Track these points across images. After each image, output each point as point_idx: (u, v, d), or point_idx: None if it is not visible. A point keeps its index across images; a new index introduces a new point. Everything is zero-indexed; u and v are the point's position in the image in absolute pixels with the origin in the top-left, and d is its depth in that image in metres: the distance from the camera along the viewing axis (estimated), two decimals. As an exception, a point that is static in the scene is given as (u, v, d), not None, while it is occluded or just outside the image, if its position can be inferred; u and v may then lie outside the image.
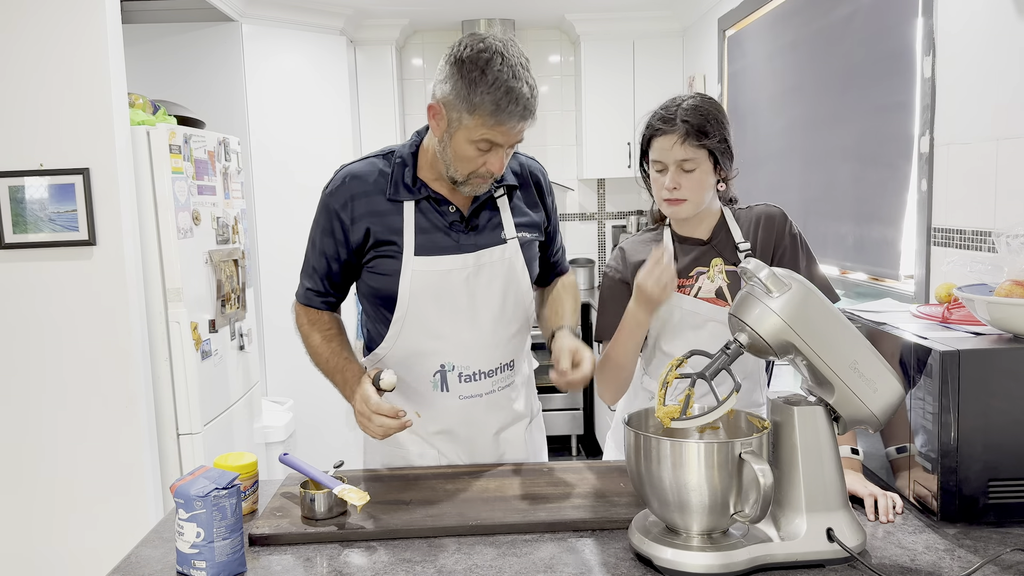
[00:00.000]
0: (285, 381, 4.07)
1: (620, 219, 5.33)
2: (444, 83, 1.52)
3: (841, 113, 2.83)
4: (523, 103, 1.49)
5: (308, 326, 1.74)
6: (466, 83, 1.48)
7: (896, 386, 1.27)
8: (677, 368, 1.31)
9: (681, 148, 1.62)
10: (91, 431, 2.70)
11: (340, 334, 1.73)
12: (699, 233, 1.73)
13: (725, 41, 3.98)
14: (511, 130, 1.51)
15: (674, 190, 1.64)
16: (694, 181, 1.64)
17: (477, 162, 1.55)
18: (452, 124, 1.53)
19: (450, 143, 1.55)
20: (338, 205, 1.64)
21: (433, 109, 1.56)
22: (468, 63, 1.48)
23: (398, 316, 1.66)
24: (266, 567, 1.30)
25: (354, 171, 1.67)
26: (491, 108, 1.48)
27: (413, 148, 1.67)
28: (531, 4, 4.50)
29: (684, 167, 1.63)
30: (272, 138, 4.09)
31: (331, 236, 1.66)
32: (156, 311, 2.78)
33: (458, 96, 1.49)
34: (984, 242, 1.97)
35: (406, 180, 1.64)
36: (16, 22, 2.56)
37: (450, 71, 1.51)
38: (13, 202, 2.60)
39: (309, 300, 1.73)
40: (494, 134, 1.51)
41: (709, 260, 1.71)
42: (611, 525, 1.39)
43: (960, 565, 1.24)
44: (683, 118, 1.62)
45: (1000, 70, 1.93)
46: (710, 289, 1.69)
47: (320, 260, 1.69)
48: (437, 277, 1.63)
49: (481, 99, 1.47)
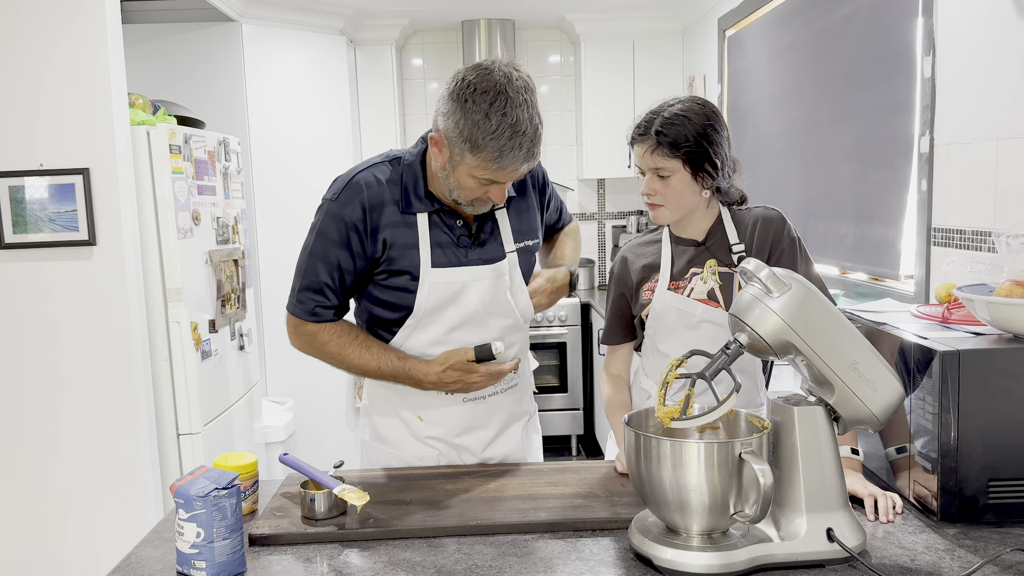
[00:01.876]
0: (285, 381, 4.07)
1: (620, 219, 5.33)
2: (447, 118, 1.50)
3: (841, 113, 2.83)
4: (526, 147, 1.48)
5: (336, 344, 1.66)
6: (469, 124, 1.46)
7: (896, 386, 1.27)
8: (677, 368, 1.31)
9: (651, 157, 1.64)
10: (91, 431, 2.70)
11: (368, 336, 1.69)
12: (695, 234, 1.74)
13: (725, 41, 3.97)
14: (514, 172, 1.52)
15: (651, 195, 1.68)
16: (670, 188, 1.66)
17: (478, 192, 1.56)
18: (455, 157, 1.52)
19: (452, 173, 1.55)
20: (354, 217, 1.59)
21: (436, 140, 1.54)
22: (471, 102, 1.45)
23: (409, 324, 1.66)
24: (266, 567, 1.30)
25: (364, 180, 1.61)
26: (495, 154, 1.47)
27: (420, 156, 1.65)
28: (531, 4, 4.50)
29: (659, 174, 1.65)
30: (272, 138, 4.09)
31: (346, 248, 1.60)
32: (156, 311, 2.78)
33: (460, 135, 1.48)
34: (984, 242, 1.97)
35: (418, 192, 1.62)
36: (16, 22, 2.56)
37: (452, 107, 1.48)
38: (13, 202, 2.60)
39: (320, 316, 1.65)
40: (496, 175, 1.51)
41: (704, 261, 1.72)
42: (611, 525, 1.39)
43: (960, 565, 1.24)
44: (657, 128, 1.62)
45: (1000, 70, 1.93)
46: (702, 290, 1.70)
47: (332, 273, 1.62)
48: (452, 289, 1.63)
49: (484, 143, 1.46)
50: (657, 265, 1.75)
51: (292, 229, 4.10)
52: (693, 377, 1.29)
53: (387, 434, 1.77)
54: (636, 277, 1.77)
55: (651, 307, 1.73)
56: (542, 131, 1.52)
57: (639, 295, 1.76)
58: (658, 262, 1.75)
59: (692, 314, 1.68)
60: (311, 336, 1.68)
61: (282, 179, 4.11)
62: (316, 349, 1.69)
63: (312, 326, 1.67)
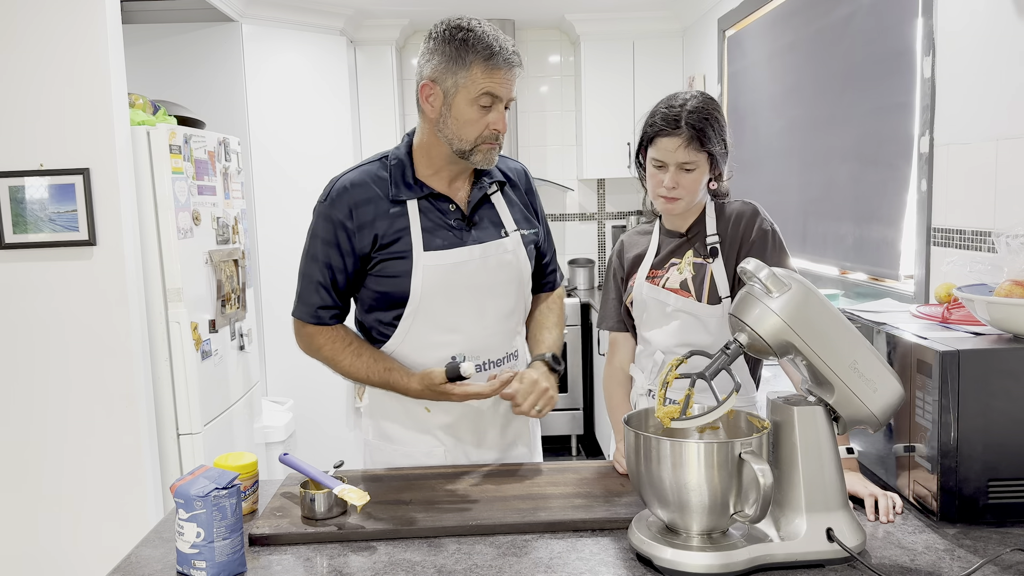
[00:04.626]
0: (285, 381, 4.07)
1: (620, 219, 5.33)
2: (432, 58, 1.60)
3: (841, 113, 2.83)
4: (511, 49, 1.59)
5: (330, 348, 1.70)
6: (454, 47, 1.57)
7: (896, 386, 1.27)
8: (677, 368, 1.31)
9: (683, 151, 1.65)
10: (91, 431, 2.70)
11: (364, 343, 1.72)
12: (681, 226, 1.78)
13: (725, 41, 3.98)
14: (506, 78, 1.59)
15: (672, 189, 1.68)
16: (691, 181, 1.68)
17: (480, 124, 1.60)
18: (448, 93, 1.59)
19: (450, 113, 1.60)
20: (341, 215, 1.64)
21: (426, 87, 1.62)
22: (448, 34, 1.58)
23: (408, 312, 1.67)
24: (266, 567, 1.30)
25: (351, 180, 1.67)
26: (485, 55, 1.56)
27: (407, 148, 1.71)
28: (531, 4, 4.50)
29: (685, 168, 1.66)
30: (272, 138, 4.09)
31: (336, 248, 1.65)
32: (156, 311, 2.79)
33: (450, 60, 1.57)
34: (984, 242, 1.97)
35: (407, 179, 1.67)
36: (17, 22, 2.56)
37: (435, 46, 1.59)
38: (13, 202, 2.60)
39: (319, 318, 1.70)
40: (492, 84, 1.57)
41: (685, 252, 1.75)
42: (611, 525, 1.39)
43: (960, 565, 1.24)
44: (688, 121, 1.64)
45: (1000, 70, 1.93)
46: (676, 280, 1.73)
47: (326, 273, 1.67)
48: (447, 271, 1.65)
49: (474, 55, 1.56)
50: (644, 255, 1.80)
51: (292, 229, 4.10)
52: (693, 377, 1.29)
53: (392, 432, 1.78)
54: (628, 265, 1.83)
55: (632, 295, 1.78)
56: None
57: (627, 282, 1.82)
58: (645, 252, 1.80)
59: (666, 303, 1.73)
60: (310, 338, 1.73)
61: (282, 179, 4.11)
62: (314, 351, 1.74)
63: (312, 328, 1.72)
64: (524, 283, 1.75)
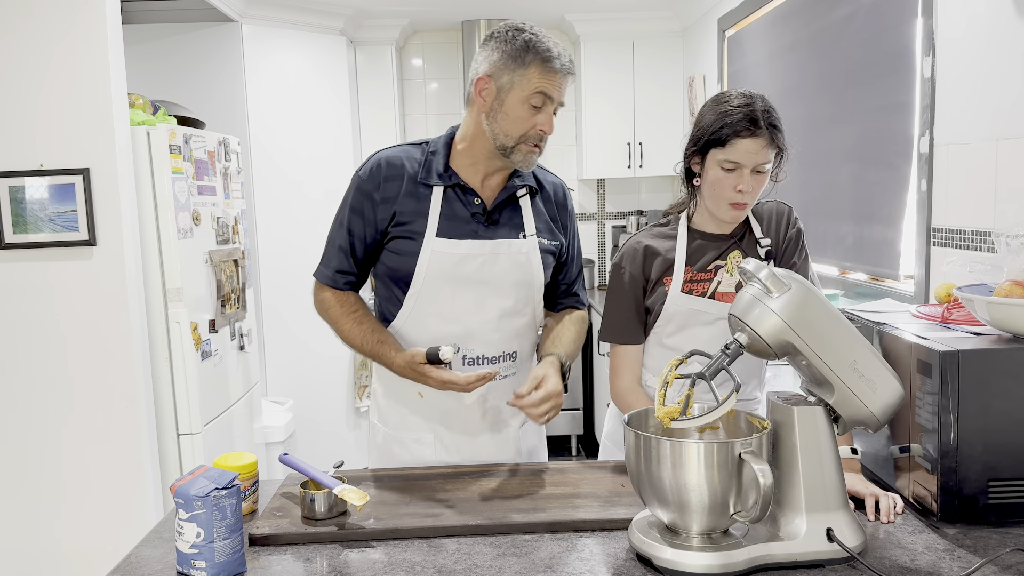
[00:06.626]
0: (285, 381, 4.06)
1: (620, 219, 5.32)
2: (490, 56, 1.64)
3: (841, 113, 2.83)
4: (568, 58, 1.64)
5: (338, 310, 1.76)
6: (514, 47, 1.61)
7: (896, 386, 1.27)
8: (677, 368, 1.31)
9: (765, 152, 1.59)
10: (91, 431, 2.70)
11: (368, 314, 1.77)
12: (719, 228, 1.71)
13: (725, 41, 3.98)
14: (560, 82, 1.63)
15: (747, 192, 1.60)
16: (760, 183, 1.62)
17: (529, 123, 1.63)
18: (503, 89, 1.62)
19: (501, 108, 1.63)
20: (370, 187, 1.70)
21: (482, 82, 1.65)
22: (513, 35, 1.62)
23: (411, 294, 1.70)
24: (266, 567, 1.30)
25: (388, 156, 1.73)
26: (544, 57, 1.60)
27: (447, 139, 1.75)
28: (531, 4, 4.50)
29: (758, 169, 1.60)
30: (272, 138, 4.09)
31: (360, 216, 1.71)
32: (156, 311, 2.79)
33: (509, 57, 1.61)
34: (984, 242, 1.97)
35: (438, 167, 1.71)
36: (16, 22, 2.56)
37: (495, 45, 1.64)
38: (13, 202, 2.60)
39: (335, 281, 1.77)
40: (546, 84, 1.61)
41: (728, 255, 1.70)
42: (611, 525, 1.39)
43: (960, 565, 1.24)
44: (769, 122, 1.58)
45: (1000, 70, 1.93)
46: (730, 283, 1.68)
47: (347, 239, 1.73)
48: (454, 260, 1.68)
49: (533, 55, 1.60)
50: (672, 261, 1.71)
51: (292, 229, 4.13)
52: (693, 377, 1.29)
53: (388, 415, 1.82)
54: (654, 273, 1.71)
55: (665, 304, 1.68)
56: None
57: (656, 288, 1.71)
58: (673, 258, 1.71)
59: (708, 313, 1.67)
60: (323, 300, 1.79)
61: (282, 179, 4.10)
62: (323, 311, 1.79)
63: (327, 292, 1.78)
64: (534, 287, 1.75)
